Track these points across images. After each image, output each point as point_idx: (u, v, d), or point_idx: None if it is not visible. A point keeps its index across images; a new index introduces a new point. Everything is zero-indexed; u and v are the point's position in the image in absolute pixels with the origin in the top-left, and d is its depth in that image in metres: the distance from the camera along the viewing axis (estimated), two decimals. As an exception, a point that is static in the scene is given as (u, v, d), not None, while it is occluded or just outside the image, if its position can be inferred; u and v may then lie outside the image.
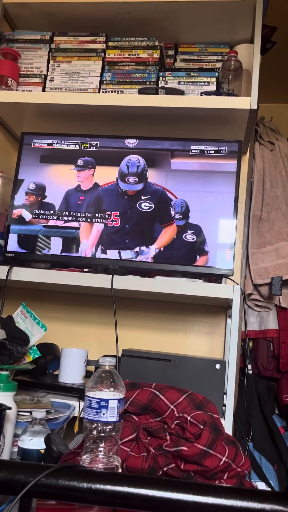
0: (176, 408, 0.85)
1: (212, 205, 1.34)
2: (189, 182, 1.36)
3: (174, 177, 1.37)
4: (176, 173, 1.37)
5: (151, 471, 0.77)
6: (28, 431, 0.94)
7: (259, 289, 1.64)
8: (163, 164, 1.38)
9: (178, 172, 1.37)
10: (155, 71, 1.47)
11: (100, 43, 1.51)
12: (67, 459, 0.81)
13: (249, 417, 1.52)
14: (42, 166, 1.43)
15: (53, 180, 1.42)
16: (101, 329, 1.59)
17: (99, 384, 0.75)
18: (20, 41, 1.55)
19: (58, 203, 1.40)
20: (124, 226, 1.36)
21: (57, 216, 1.39)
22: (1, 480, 0.58)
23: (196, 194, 1.35)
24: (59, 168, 1.43)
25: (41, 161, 1.44)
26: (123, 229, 1.36)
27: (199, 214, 1.34)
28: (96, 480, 0.57)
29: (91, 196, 1.39)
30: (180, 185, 1.36)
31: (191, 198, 1.35)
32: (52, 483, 0.57)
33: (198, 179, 1.36)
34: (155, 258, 1.33)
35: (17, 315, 1.23)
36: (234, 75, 1.45)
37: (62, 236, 1.38)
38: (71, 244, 1.38)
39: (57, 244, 1.38)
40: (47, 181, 1.42)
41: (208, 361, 1.20)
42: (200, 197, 1.35)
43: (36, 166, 1.44)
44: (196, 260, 1.31)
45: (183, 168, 1.37)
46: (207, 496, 0.55)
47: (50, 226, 1.39)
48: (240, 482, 0.80)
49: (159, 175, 1.38)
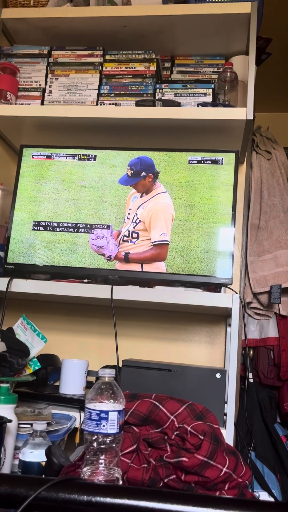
0: (176, 418, 0.85)
1: (210, 215, 1.35)
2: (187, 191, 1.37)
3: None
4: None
5: (152, 482, 0.77)
6: (29, 443, 0.94)
7: (258, 297, 1.64)
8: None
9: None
10: (152, 83, 1.49)
11: (97, 57, 1.53)
12: (68, 471, 0.81)
13: (251, 426, 1.52)
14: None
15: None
16: (101, 339, 1.60)
17: (99, 395, 0.75)
18: (18, 55, 1.57)
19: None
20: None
21: (60, 227, 1.41)
22: (2, 494, 0.58)
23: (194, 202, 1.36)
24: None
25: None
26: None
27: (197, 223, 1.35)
28: (96, 493, 0.57)
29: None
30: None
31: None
32: (52, 496, 0.57)
33: (196, 188, 1.37)
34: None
35: (18, 327, 1.24)
36: (230, 86, 1.47)
37: (62, 246, 1.39)
38: (71, 255, 1.38)
39: (57, 255, 1.39)
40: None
41: (209, 370, 1.20)
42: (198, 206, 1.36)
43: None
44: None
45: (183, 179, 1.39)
46: (207, 508, 0.55)
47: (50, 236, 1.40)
48: (241, 493, 0.80)
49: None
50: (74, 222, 1.40)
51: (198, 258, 1.32)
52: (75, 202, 1.41)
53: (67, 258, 1.37)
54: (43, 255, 1.39)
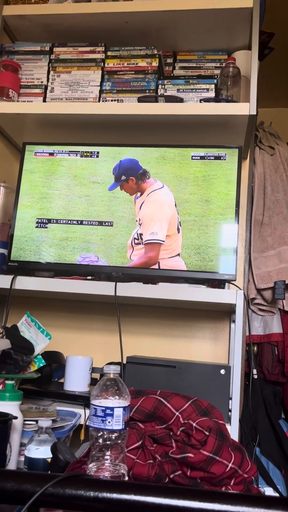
0: (181, 415, 0.85)
1: (213, 211, 1.34)
2: (190, 187, 1.37)
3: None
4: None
5: (158, 478, 0.77)
6: (34, 440, 0.94)
7: (262, 293, 1.64)
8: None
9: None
10: (154, 79, 1.48)
11: (99, 53, 1.52)
12: (74, 468, 0.81)
13: (255, 422, 1.52)
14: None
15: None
16: (106, 336, 1.60)
17: (104, 392, 0.75)
18: (20, 52, 1.57)
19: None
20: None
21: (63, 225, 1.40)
22: (9, 490, 0.58)
23: (197, 199, 1.36)
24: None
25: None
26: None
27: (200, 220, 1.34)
28: (103, 489, 0.57)
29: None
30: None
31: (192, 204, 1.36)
32: (59, 492, 0.57)
33: (199, 185, 1.37)
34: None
35: (22, 324, 1.24)
36: (233, 81, 1.46)
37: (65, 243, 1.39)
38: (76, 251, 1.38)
39: (61, 252, 1.39)
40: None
41: (213, 367, 1.20)
42: (201, 203, 1.35)
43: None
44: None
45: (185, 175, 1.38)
46: (213, 503, 0.55)
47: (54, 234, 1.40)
48: (247, 488, 0.80)
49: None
50: (85, 219, 1.40)
51: (205, 255, 1.32)
52: (87, 198, 1.40)
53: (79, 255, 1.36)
54: (47, 252, 1.39)
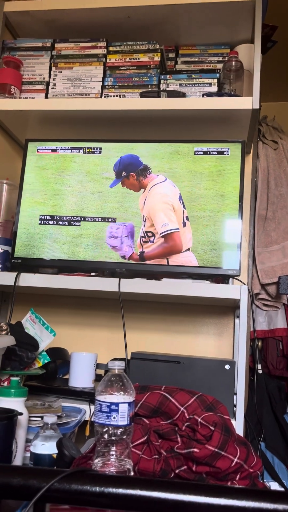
0: (187, 410, 0.85)
1: (217, 206, 1.34)
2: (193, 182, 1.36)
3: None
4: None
5: (163, 473, 0.77)
6: (40, 436, 0.94)
7: (266, 288, 1.63)
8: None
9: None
10: (157, 74, 1.48)
11: (101, 48, 1.52)
12: (79, 463, 0.82)
13: (260, 417, 1.52)
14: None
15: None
16: (110, 332, 1.60)
17: (109, 388, 0.75)
18: (22, 49, 1.57)
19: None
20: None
21: (67, 222, 1.40)
22: (15, 486, 0.58)
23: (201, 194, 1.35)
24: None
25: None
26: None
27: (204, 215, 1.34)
28: (109, 484, 0.57)
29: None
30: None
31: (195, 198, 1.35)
32: (65, 487, 0.58)
33: (203, 180, 1.36)
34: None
35: (26, 321, 1.24)
36: (236, 75, 1.45)
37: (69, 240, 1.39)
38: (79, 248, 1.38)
39: (74, 249, 1.39)
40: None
41: (218, 362, 1.19)
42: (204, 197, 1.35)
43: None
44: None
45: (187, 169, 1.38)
46: (219, 498, 0.55)
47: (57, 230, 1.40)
48: (253, 483, 0.80)
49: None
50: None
51: (208, 250, 1.32)
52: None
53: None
54: (50, 249, 1.39)
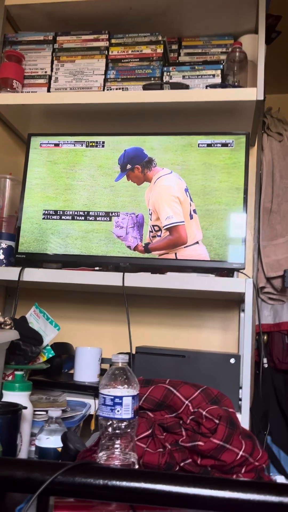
0: (191, 403, 0.84)
1: (221, 199, 1.33)
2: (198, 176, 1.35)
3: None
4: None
5: (168, 466, 0.77)
6: (45, 430, 0.94)
7: (272, 282, 1.62)
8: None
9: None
10: (159, 66, 1.46)
11: (103, 41, 1.50)
12: (84, 456, 0.81)
13: (266, 411, 1.51)
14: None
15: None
16: (115, 327, 1.60)
17: (113, 381, 0.75)
18: (23, 42, 1.56)
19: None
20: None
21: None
22: (19, 479, 0.58)
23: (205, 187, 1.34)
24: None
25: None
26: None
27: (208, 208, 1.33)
28: (112, 477, 0.57)
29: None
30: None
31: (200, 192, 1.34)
32: (68, 480, 0.57)
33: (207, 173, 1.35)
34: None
35: (30, 316, 1.24)
36: (239, 66, 1.43)
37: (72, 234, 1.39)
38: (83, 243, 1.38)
39: (70, 243, 1.39)
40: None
41: (223, 356, 1.19)
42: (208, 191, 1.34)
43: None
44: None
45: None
46: (224, 490, 0.54)
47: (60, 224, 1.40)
48: (258, 476, 0.79)
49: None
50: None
51: (213, 243, 1.31)
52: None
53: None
54: (55, 244, 1.39)
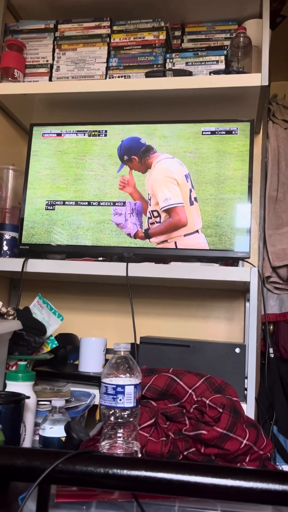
0: (194, 392, 0.84)
1: (225, 187, 1.31)
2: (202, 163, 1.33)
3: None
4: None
5: (171, 455, 0.76)
6: (48, 419, 0.94)
7: (277, 271, 1.60)
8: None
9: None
10: (162, 53, 1.44)
11: (105, 28, 1.48)
12: (87, 445, 0.81)
13: (272, 400, 1.50)
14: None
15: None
16: (119, 317, 1.59)
17: (115, 370, 0.74)
18: (24, 31, 1.54)
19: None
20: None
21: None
22: (19, 467, 0.58)
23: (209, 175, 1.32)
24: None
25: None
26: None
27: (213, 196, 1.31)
28: (113, 465, 0.56)
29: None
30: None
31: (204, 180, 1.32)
32: (69, 469, 0.57)
33: (211, 161, 1.33)
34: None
35: (34, 306, 1.24)
36: (244, 52, 1.41)
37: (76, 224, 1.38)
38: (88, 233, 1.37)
39: (72, 233, 1.38)
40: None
41: (228, 346, 1.18)
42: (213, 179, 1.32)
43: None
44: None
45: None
46: (226, 479, 0.54)
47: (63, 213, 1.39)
48: (263, 465, 0.79)
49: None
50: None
51: (219, 232, 1.29)
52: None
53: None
54: (59, 235, 1.38)
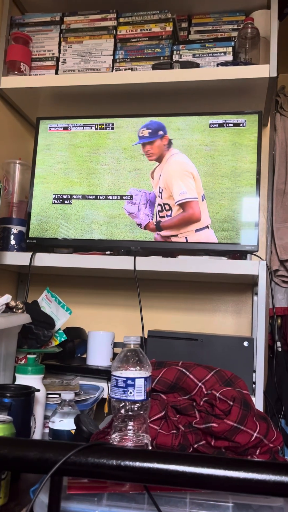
0: (204, 385, 0.83)
1: (233, 180, 1.30)
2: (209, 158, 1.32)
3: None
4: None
5: (182, 448, 0.76)
6: (58, 412, 0.95)
7: (285, 264, 1.59)
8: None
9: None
10: (169, 45, 1.43)
11: (111, 20, 1.47)
12: (97, 438, 0.81)
13: (280, 394, 1.50)
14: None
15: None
16: (127, 311, 1.59)
17: (125, 363, 0.74)
18: (30, 24, 1.53)
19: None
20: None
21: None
22: (31, 459, 0.58)
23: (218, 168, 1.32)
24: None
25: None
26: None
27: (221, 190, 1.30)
28: (125, 457, 0.56)
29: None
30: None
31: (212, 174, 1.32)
32: (81, 461, 0.57)
33: (219, 154, 1.32)
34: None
35: (42, 300, 1.24)
36: (251, 43, 1.39)
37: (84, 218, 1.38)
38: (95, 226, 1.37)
39: (80, 227, 1.38)
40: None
41: (236, 339, 1.18)
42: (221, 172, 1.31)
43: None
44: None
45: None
46: (238, 471, 0.53)
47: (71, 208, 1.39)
48: (273, 458, 0.79)
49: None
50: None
51: (227, 225, 1.29)
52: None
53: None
54: (67, 229, 1.38)
